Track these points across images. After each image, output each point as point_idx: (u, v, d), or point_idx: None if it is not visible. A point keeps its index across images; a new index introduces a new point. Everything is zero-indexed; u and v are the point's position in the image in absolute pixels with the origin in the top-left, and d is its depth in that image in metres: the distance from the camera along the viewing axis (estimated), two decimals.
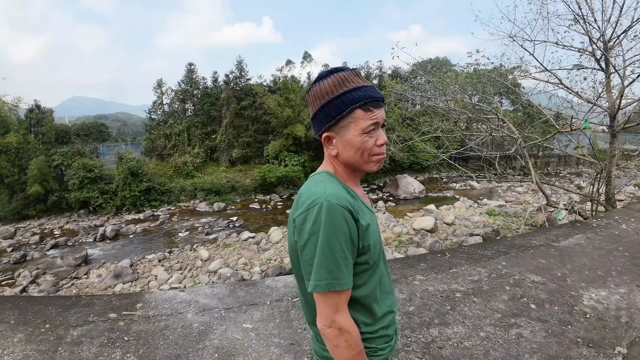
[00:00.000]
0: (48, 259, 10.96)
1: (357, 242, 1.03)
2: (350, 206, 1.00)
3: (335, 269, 0.98)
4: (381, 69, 26.16)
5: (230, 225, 14.03)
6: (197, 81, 24.18)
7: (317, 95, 1.09)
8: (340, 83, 1.06)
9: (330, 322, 1.01)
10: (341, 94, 1.05)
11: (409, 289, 3.55)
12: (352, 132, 1.07)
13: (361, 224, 1.03)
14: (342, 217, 0.98)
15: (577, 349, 2.59)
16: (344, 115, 1.06)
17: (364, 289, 1.10)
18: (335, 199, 0.99)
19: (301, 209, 1.02)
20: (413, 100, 17.55)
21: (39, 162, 16.73)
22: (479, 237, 9.10)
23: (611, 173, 7.01)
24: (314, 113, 1.11)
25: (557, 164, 27.14)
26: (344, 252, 0.99)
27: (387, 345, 1.17)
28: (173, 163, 21.07)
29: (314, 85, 1.11)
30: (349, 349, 1.02)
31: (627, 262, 4.16)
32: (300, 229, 1.02)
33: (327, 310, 1.01)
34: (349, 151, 1.09)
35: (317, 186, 1.06)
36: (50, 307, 3.37)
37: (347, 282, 1.00)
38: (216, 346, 2.69)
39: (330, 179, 1.09)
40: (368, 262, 1.08)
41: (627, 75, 6.55)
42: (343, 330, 1.01)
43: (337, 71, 1.09)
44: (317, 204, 0.98)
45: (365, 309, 1.11)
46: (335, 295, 1.00)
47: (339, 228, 0.97)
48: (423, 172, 23.47)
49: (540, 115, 8.10)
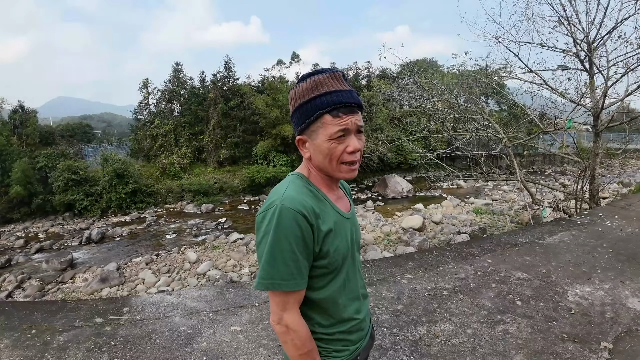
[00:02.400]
0: (33, 263, 10.75)
1: (313, 246, 1.03)
2: (305, 210, 1.00)
3: (283, 270, 1.00)
4: (369, 70, 26.24)
5: (218, 226, 13.93)
6: (184, 81, 23.92)
7: (292, 98, 1.10)
8: (313, 87, 1.05)
9: (278, 319, 1.04)
10: (311, 99, 1.04)
11: (397, 287, 3.57)
12: (321, 137, 1.05)
13: (320, 229, 1.04)
14: (294, 220, 0.98)
15: (563, 345, 2.64)
16: (312, 120, 1.05)
17: (323, 292, 1.11)
18: (290, 202, 1.00)
19: (262, 209, 1.05)
20: (401, 100, 17.65)
21: (23, 165, 16.40)
22: (466, 235, 9.20)
23: (595, 171, 7.15)
24: (291, 115, 1.13)
25: (542, 162, 27.57)
26: (295, 254, 1.00)
27: (345, 349, 1.18)
28: (160, 164, 20.79)
29: (296, 85, 1.11)
30: (295, 347, 1.05)
31: (611, 259, 4.25)
32: (257, 228, 1.05)
33: (275, 308, 1.05)
34: (318, 156, 1.09)
35: (280, 187, 1.08)
36: (36, 312, 3.31)
37: (297, 283, 1.02)
38: (204, 349, 2.67)
39: (297, 181, 1.11)
40: (327, 267, 1.08)
41: (611, 75, 6.69)
42: (290, 329, 1.04)
43: (317, 74, 1.07)
44: (274, 206, 1.00)
45: (322, 311, 1.13)
46: (282, 295, 1.03)
47: (290, 231, 0.98)
48: (411, 172, 23.61)
49: (525, 115, 8.22)
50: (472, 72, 8.85)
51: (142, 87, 23.11)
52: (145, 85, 23.09)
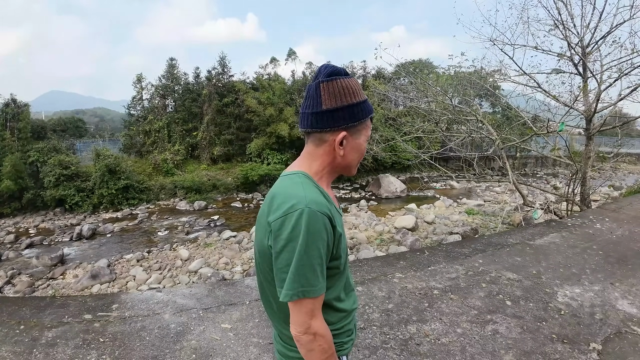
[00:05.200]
0: (24, 259, 10.63)
1: (333, 248, 1.03)
2: (329, 213, 1.00)
3: (311, 276, 0.97)
4: (365, 69, 26.25)
5: (211, 224, 13.86)
6: (178, 77, 23.74)
7: (345, 92, 1.05)
8: (360, 89, 1.08)
9: (305, 329, 1.00)
10: (365, 100, 1.08)
11: (388, 286, 3.58)
12: (363, 137, 1.11)
13: (337, 231, 1.03)
14: (323, 224, 0.97)
15: (552, 345, 2.65)
16: (362, 120, 1.08)
17: (332, 292, 1.11)
18: (316, 205, 0.97)
19: (278, 213, 0.99)
20: (396, 100, 17.67)
21: (14, 159, 16.20)
22: (458, 236, 9.23)
23: (586, 174, 7.22)
24: (333, 107, 1.04)
25: (534, 165, 27.75)
26: (321, 259, 0.98)
27: (350, 339, 1.21)
28: (152, 160, 20.62)
29: (335, 79, 1.05)
30: (323, 352, 1.03)
31: (601, 261, 4.28)
32: (276, 234, 0.98)
33: (303, 318, 1.00)
34: (354, 154, 1.11)
35: (295, 189, 1.02)
36: (25, 308, 3.28)
37: (322, 287, 1.00)
38: (194, 347, 2.66)
39: (308, 182, 1.07)
40: (339, 267, 1.09)
41: (605, 80, 6.75)
42: (318, 335, 1.01)
43: (350, 74, 1.09)
44: (298, 210, 0.95)
45: (332, 309, 1.13)
46: (310, 302, 0.99)
47: (319, 236, 0.96)
48: (405, 172, 23.66)
49: (518, 117, 8.27)
50: (467, 73, 8.89)
51: (136, 82, 22.90)
52: (139, 80, 22.88)
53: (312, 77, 1.30)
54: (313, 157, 1.11)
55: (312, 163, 1.11)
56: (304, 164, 1.12)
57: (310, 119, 1.07)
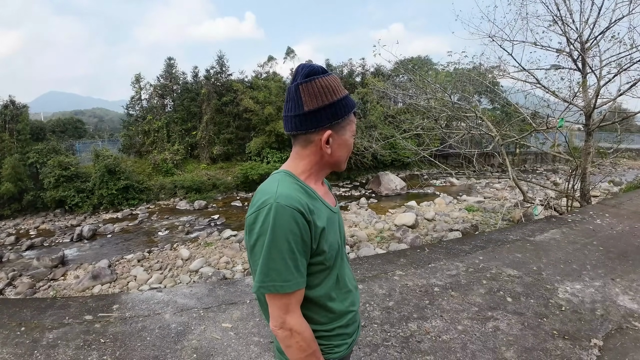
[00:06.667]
0: (24, 260, 10.62)
1: (311, 242, 1.02)
2: (301, 207, 0.98)
3: (284, 271, 0.97)
4: (364, 67, 26.22)
5: (211, 223, 13.86)
6: (176, 76, 23.70)
7: (325, 91, 1.04)
8: (340, 85, 1.08)
9: (280, 324, 1.01)
10: (346, 96, 1.08)
11: (389, 284, 3.58)
12: (348, 133, 1.11)
13: (316, 225, 1.02)
14: (292, 218, 0.96)
15: (553, 341, 2.65)
16: (346, 117, 1.08)
17: (320, 289, 1.10)
18: (285, 199, 0.97)
19: (252, 209, 1.01)
20: (395, 98, 17.66)
21: (13, 161, 16.19)
22: (458, 233, 9.23)
23: (586, 170, 7.20)
24: (315, 108, 1.04)
25: (534, 161, 27.75)
26: (294, 254, 0.98)
27: (344, 343, 1.18)
28: (152, 160, 20.60)
29: (314, 79, 1.04)
30: (300, 350, 1.02)
31: (601, 256, 4.28)
32: (249, 229, 1.01)
33: (277, 312, 1.01)
34: (341, 151, 1.11)
35: (270, 186, 1.04)
36: (26, 309, 3.28)
37: (297, 283, 1.00)
38: (195, 346, 2.66)
39: (287, 178, 1.08)
40: (324, 263, 1.08)
41: (604, 75, 6.73)
42: (294, 332, 1.01)
43: (327, 72, 1.08)
44: (267, 205, 0.97)
45: (320, 308, 1.11)
46: (284, 297, 0.99)
47: (288, 229, 0.96)
48: (404, 169, 23.64)
49: (517, 113, 8.26)
50: (466, 70, 8.87)
51: (135, 82, 22.86)
52: (137, 80, 22.84)
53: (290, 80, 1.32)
54: (301, 157, 1.12)
55: (299, 163, 1.12)
56: (291, 164, 1.13)
57: (293, 122, 1.07)
